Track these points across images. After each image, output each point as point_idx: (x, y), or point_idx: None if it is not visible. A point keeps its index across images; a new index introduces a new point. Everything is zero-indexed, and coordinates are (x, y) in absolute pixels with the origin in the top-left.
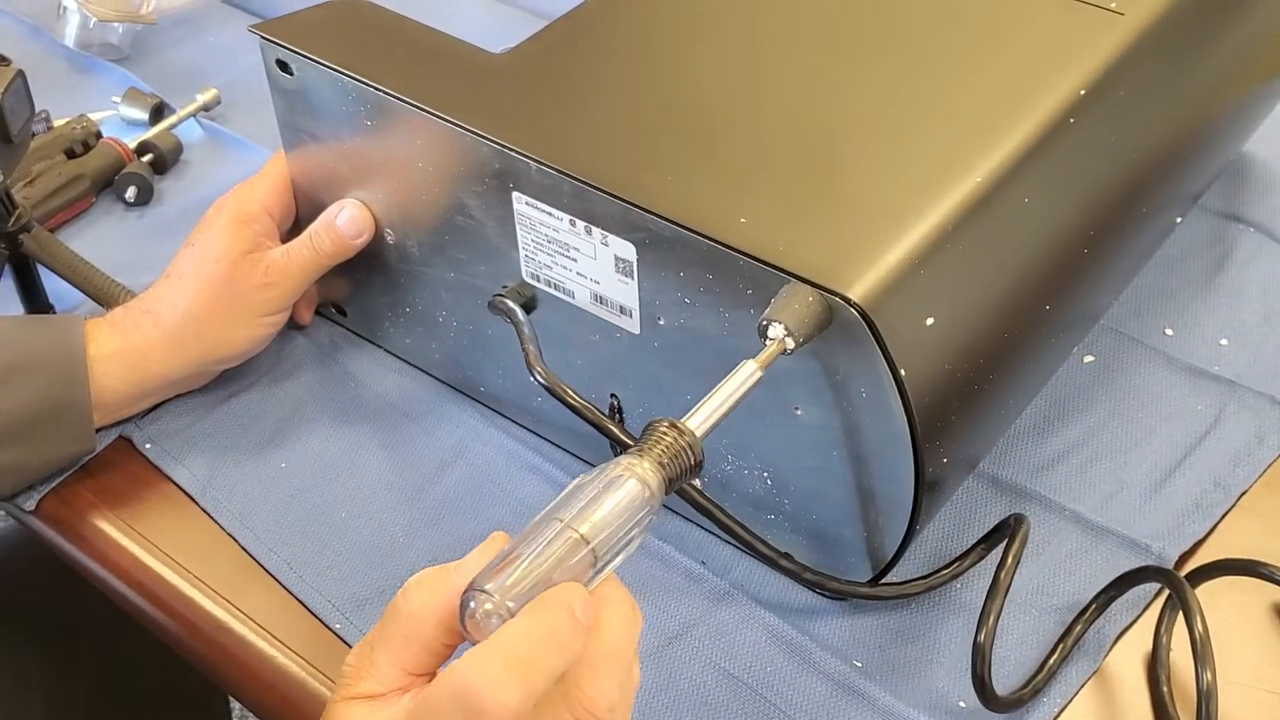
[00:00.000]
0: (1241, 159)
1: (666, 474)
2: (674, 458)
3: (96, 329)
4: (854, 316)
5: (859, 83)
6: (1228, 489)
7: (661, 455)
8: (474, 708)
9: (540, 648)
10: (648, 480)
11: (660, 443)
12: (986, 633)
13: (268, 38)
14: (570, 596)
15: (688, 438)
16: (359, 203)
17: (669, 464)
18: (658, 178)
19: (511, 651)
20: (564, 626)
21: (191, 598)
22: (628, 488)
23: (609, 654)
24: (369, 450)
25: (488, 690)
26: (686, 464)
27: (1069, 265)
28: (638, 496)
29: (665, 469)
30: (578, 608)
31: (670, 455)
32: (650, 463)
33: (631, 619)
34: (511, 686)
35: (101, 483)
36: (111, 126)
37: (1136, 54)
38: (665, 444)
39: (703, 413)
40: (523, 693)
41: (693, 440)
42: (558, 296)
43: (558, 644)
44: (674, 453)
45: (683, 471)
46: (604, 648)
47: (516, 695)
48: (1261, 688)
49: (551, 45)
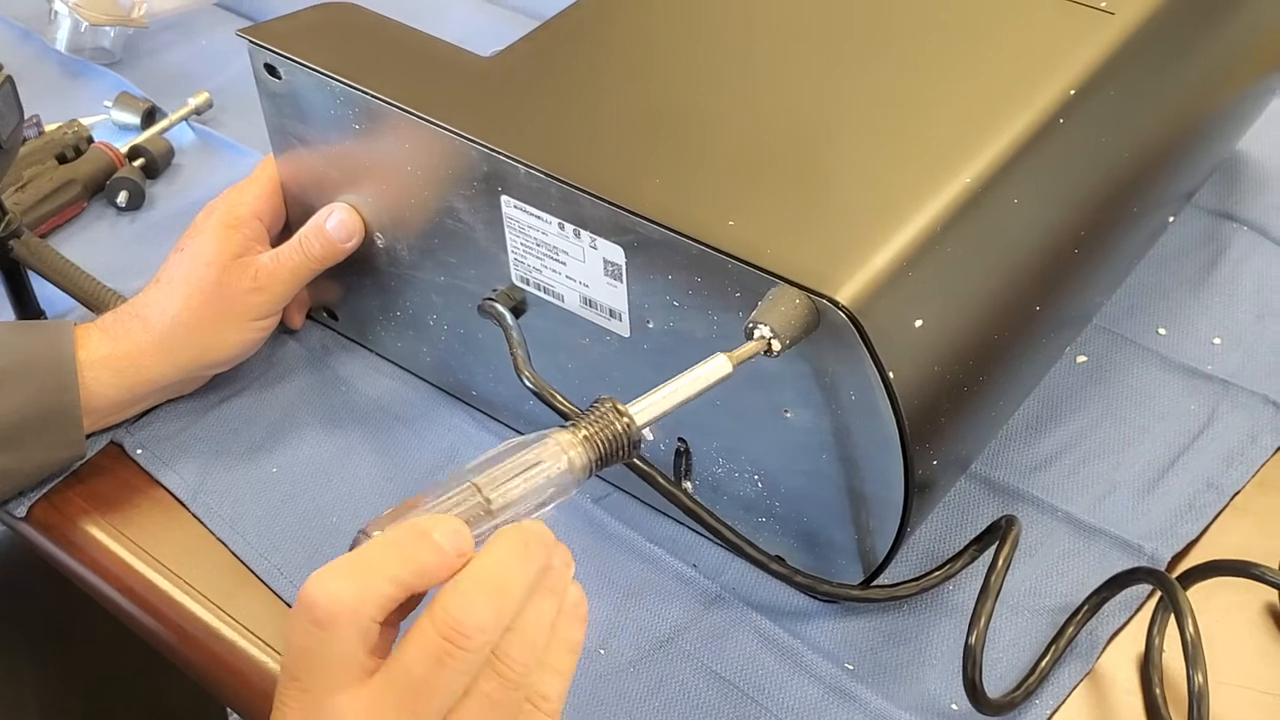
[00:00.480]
0: (1234, 157)
1: (596, 454)
2: (608, 439)
3: (86, 334)
4: (842, 319)
5: (848, 85)
6: (1221, 489)
7: (595, 434)
8: (307, 605)
9: (381, 553)
10: (573, 459)
11: (598, 422)
12: (977, 636)
13: (256, 42)
14: (428, 521)
15: (625, 420)
16: (348, 206)
17: (600, 443)
18: (646, 181)
19: (349, 559)
20: (407, 539)
21: (182, 603)
22: (548, 462)
23: (478, 574)
24: (360, 454)
25: (316, 586)
26: (620, 446)
27: (1060, 266)
28: (555, 472)
29: (596, 448)
30: (437, 531)
31: (604, 436)
32: (581, 442)
33: (524, 552)
34: (339, 581)
35: (92, 488)
36: (103, 131)
37: (1127, 53)
38: (602, 424)
39: (650, 401)
40: (354, 589)
41: (629, 423)
42: (547, 300)
43: (398, 551)
44: (609, 434)
45: (614, 453)
46: (474, 568)
47: (348, 589)
48: (1254, 688)
49: (540, 48)
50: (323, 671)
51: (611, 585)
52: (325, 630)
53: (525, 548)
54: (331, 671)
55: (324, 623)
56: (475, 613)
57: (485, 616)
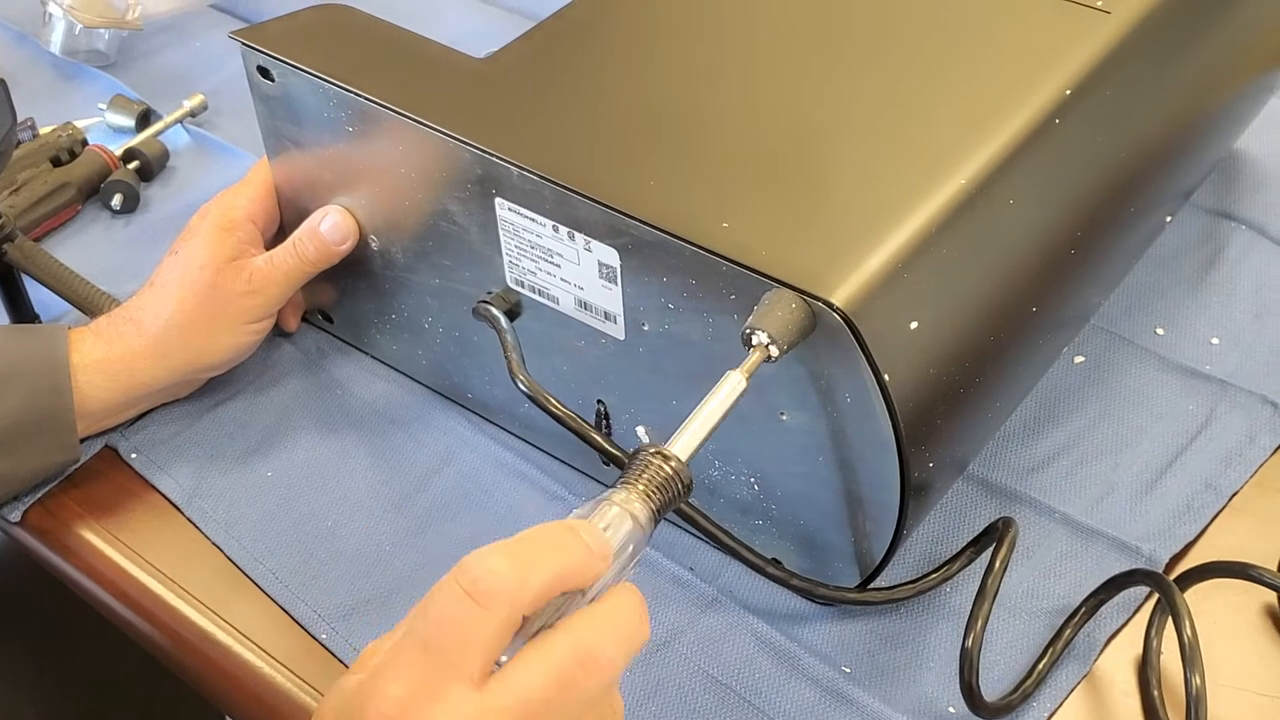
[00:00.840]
0: (1233, 156)
1: (655, 504)
2: (661, 486)
3: (80, 338)
4: (837, 321)
5: (844, 86)
6: (1219, 490)
7: (649, 486)
8: (470, 578)
9: (537, 546)
10: (638, 517)
11: (646, 472)
12: (974, 639)
13: (249, 44)
14: (574, 522)
15: (673, 463)
16: (343, 209)
17: (656, 493)
18: (640, 183)
19: (509, 545)
20: (558, 535)
21: (177, 608)
22: (619, 530)
23: (614, 613)
24: (356, 458)
25: (479, 562)
26: (675, 491)
27: (1057, 266)
28: (628, 536)
29: (653, 499)
30: (583, 530)
31: (657, 484)
32: (639, 498)
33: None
34: (504, 561)
35: (87, 493)
36: (98, 133)
37: (1124, 52)
38: (651, 473)
39: (688, 434)
40: (517, 573)
41: (679, 466)
42: (542, 302)
43: (552, 546)
44: (661, 481)
45: (671, 499)
46: (611, 608)
47: (512, 572)
48: (1253, 690)
49: (534, 49)
50: (461, 648)
51: None
52: (483, 607)
53: (644, 611)
54: (469, 651)
55: (483, 598)
56: (609, 649)
57: (618, 655)
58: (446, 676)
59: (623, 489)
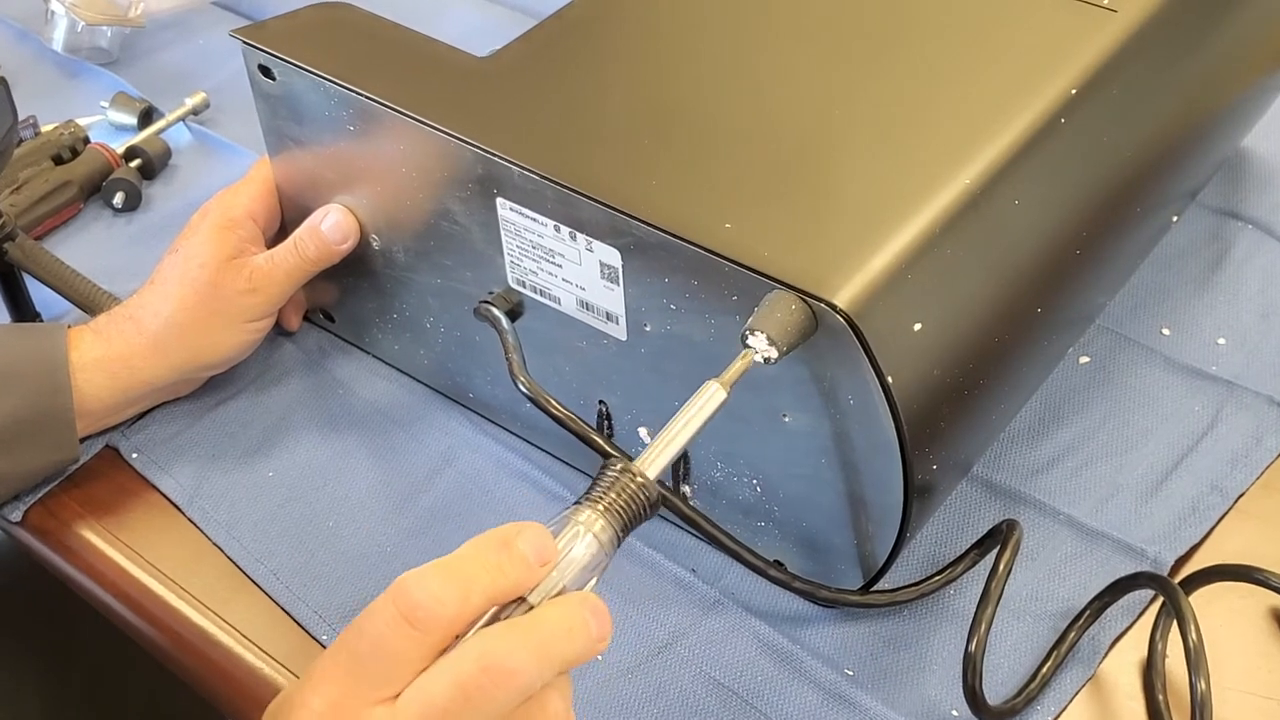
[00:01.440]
0: (1239, 155)
1: (619, 523)
2: (627, 504)
3: (79, 337)
4: (840, 323)
5: (847, 86)
6: (1225, 491)
7: (612, 504)
8: (408, 604)
9: (474, 565)
10: (599, 536)
11: (612, 489)
12: (977, 643)
13: (249, 42)
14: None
15: (639, 480)
16: (344, 208)
17: (621, 510)
18: (642, 183)
19: (447, 566)
20: (493, 550)
21: (177, 609)
22: (579, 549)
23: (531, 627)
24: (357, 458)
25: (420, 587)
26: (640, 507)
27: (1062, 267)
28: (588, 558)
29: (619, 517)
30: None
31: (622, 502)
32: (600, 516)
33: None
34: (444, 586)
35: (88, 493)
36: (100, 131)
37: (1130, 51)
38: (617, 490)
39: (657, 449)
40: (457, 598)
41: (645, 482)
42: (544, 302)
43: (488, 565)
44: (626, 498)
45: (636, 516)
46: (530, 621)
47: (452, 597)
48: (1258, 694)
49: (536, 48)
50: (389, 669)
51: (610, 590)
52: (420, 631)
53: (585, 624)
54: (397, 672)
55: (421, 624)
56: (519, 658)
57: (529, 664)
58: (368, 698)
59: (586, 507)
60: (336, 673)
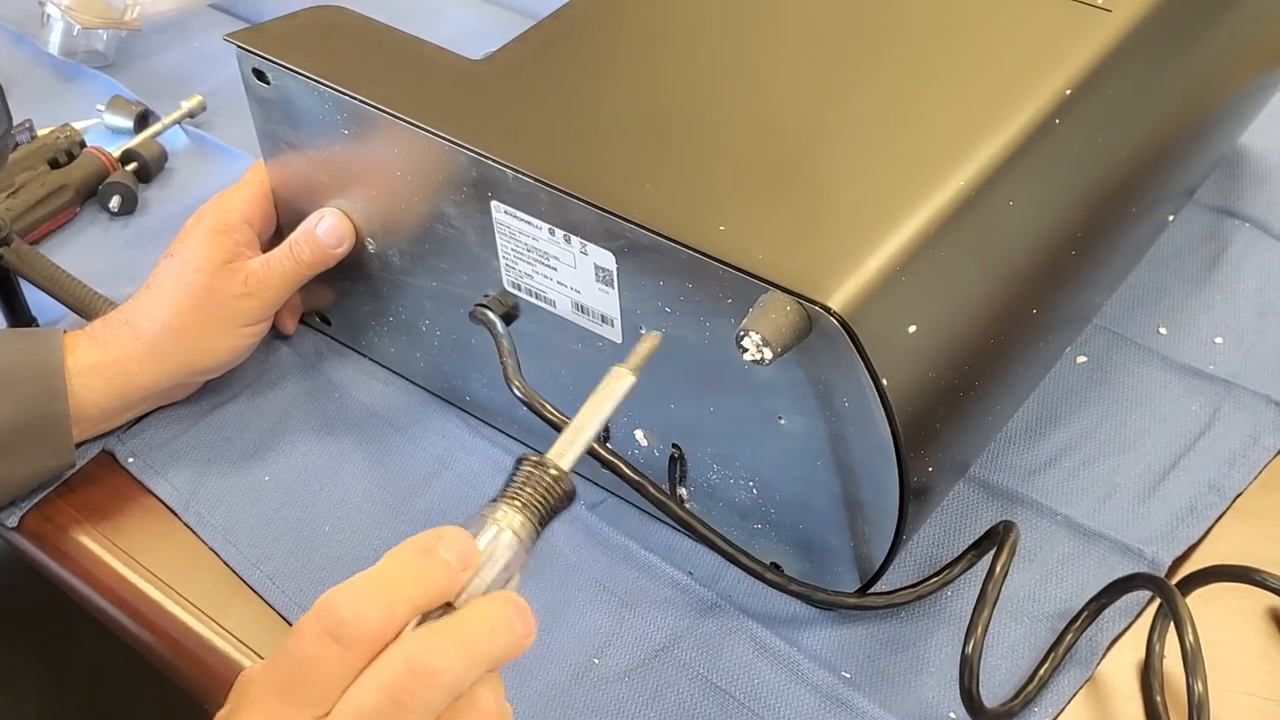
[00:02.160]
0: (1236, 153)
1: (537, 517)
2: (543, 497)
3: (75, 341)
4: (834, 326)
5: (842, 88)
6: (1222, 491)
7: (529, 499)
8: (333, 620)
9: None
10: (519, 532)
11: (528, 485)
12: (974, 645)
13: (244, 46)
14: (431, 538)
15: (553, 472)
16: (339, 211)
17: (539, 504)
18: (637, 185)
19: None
20: (415, 560)
21: (174, 614)
22: (499, 549)
23: (456, 629)
24: (353, 462)
25: (346, 605)
26: (557, 499)
27: (1057, 267)
28: (509, 554)
29: (536, 511)
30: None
31: (540, 497)
32: (518, 511)
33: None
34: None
35: (84, 498)
36: (96, 135)
37: (1125, 51)
38: (533, 485)
39: (565, 440)
40: (382, 614)
41: (558, 474)
42: (539, 306)
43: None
44: (542, 492)
45: (553, 510)
46: (454, 622)
47: (377, 613)
48: (1256, 695)
49: (531, 50)
50: (319, 687)
51: (607, 593)
52: (346, 649)
53: (509, 622)
54: (326, 689)
55: (347, 641)
56: (443, 657)
57: (455, 663)
58: (299, 716)
59: (503, 504)
60: (267, 697)
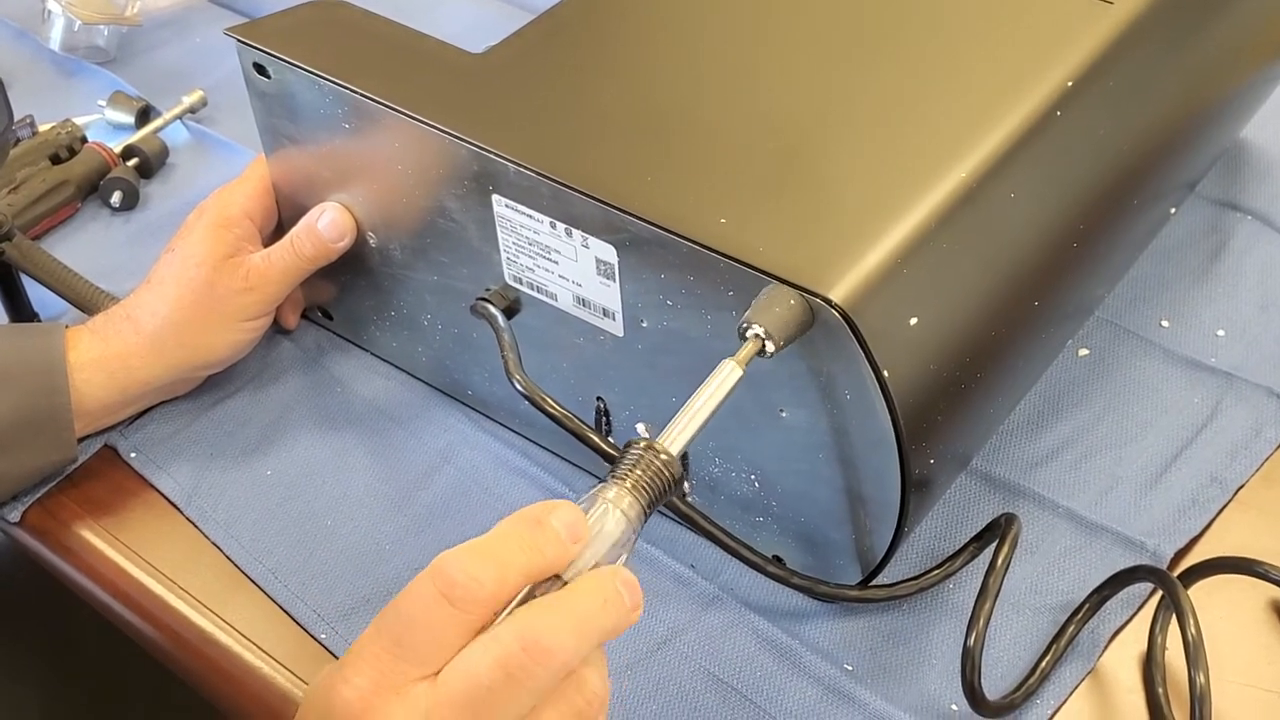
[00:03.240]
0: (1239, 145)
1: (644, 499)
2: (651, 480)
3: (77, 336)
4: (836, 319)
5: (842, 80)
6: (1224, 484)
7: (638, 481)
8: (446, 581)
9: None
10: (627, 513)
11: (637, 467)
12: (976, 637)
13: (244, 41)
14: (542, 509)
15: (664, 457)
16: (340, 206)
17: (647, 488)
18: (638, 178)
19: (482, 545)
20: (526, 529)
21: (176, 608)
22: (609, 526)
23: (571, 603)
24: (355, 456)
25: (456, 566)
26: (664, 484)
27: (1059, 260)
28: (618, 533)
29: (643, 494)
30: (554, 517)
31: (648, 479)
32: (629, 493)
33: (617, 600)
34: (480, 565)
35: (86, 492)
36: (97, 130)
37: (1127, 43)
38: (642, 468)
39: (680, 427)
40: (494, 577)
41: (669, 460)
42: (541, 299)
43: (523, 544)
44: (650, 475)
45: (661, 493)
46: (568, 597)
47: (489, 576)
48: (1259, 686)
49: (531, 44)
50: (431, 647)
51: None
52: (459, 610)
53: (618, 596)
54: (438, 650)
55: (460, 603)
56: (560, 635)
57: (569, 641)
58: (410, 674)
59: (613, 485)
60: (376, 651)
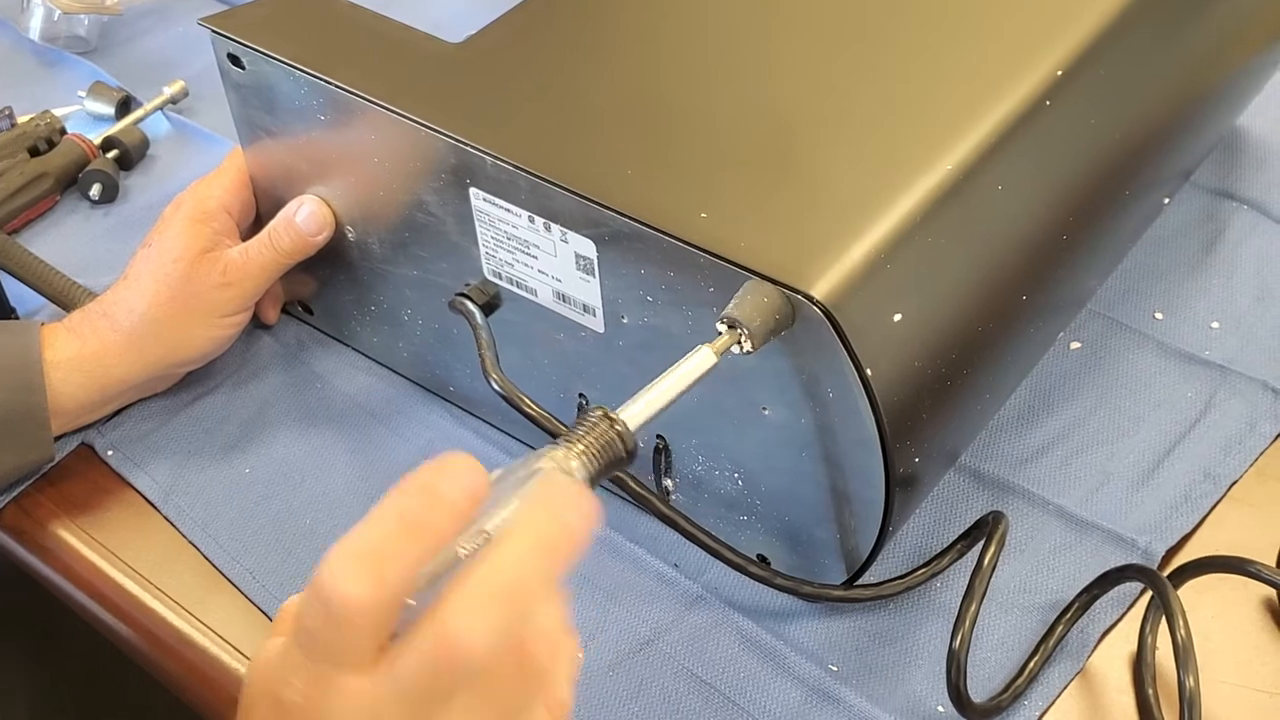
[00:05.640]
0: (1234, 133)
1: (594, 467)
2: (603, 449)
3: (53, 334)
4: (817, 315)
5: (825, 72)
6: (1217, 479)
7: (590, 447)
8: (324, 597)
9: (394, 534)
10: (572, 475)
11: (590, 433)
12: (962, 639)
13: (218, 31)
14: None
15: (618, 427)
16: (318, 199)
17: (597, 455)
18: (617, 172)
19: (363, 543)
20: (415, 507)
21: (153, 609)
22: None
23: (487, 578)
24: (335, 454)
25: (332, 582)
26: (616, 454)
27: (1048, 253)
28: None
29: (593, 461)
30: (442, 481)
31: (599, 447)
32: (577, 458)
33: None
34: (358, 576)
35: (63, 492)
36: (77, 121)
37: (1118, 30)
38: (595, 434)
39: (641, 401)
40: (371, 585)
41: (623, 430)
42: (520, 295)
43: (410, 528)
44: (603, 444)
45: (612, 463)
46: (485, 572)
47: (366, 586)
48: (1250, 687)
49: (511, 34)
50: (336, 653)
51: (591, 586)
52: (347, 625)
53: (556, 528)
54: (346, 656)
55: (342, 621)
56: (476, 629)
57: (486, 634)
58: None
59: (562, 446)
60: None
